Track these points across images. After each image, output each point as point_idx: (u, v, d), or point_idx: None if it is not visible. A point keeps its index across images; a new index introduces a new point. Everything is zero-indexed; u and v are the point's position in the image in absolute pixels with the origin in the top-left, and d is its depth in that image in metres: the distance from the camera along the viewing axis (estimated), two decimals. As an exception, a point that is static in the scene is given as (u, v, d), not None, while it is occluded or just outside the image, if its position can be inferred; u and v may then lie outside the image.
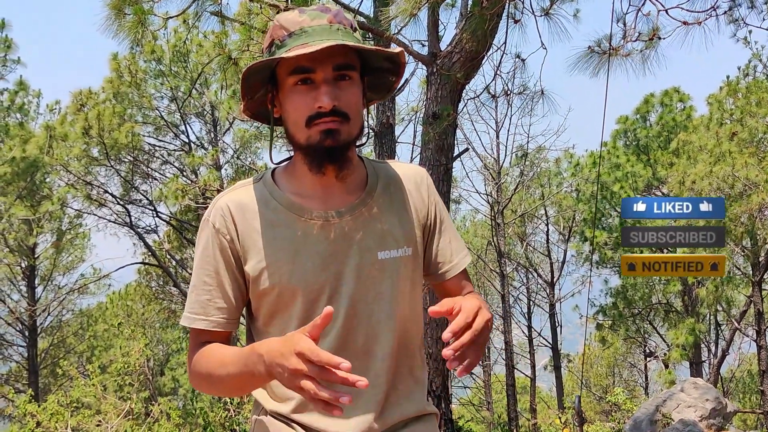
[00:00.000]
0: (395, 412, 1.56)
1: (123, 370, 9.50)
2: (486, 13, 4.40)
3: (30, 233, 16.34)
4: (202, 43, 14.38)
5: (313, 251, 1.49)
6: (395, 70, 1.56)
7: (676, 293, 16.09)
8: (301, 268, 1.48)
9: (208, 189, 13.39)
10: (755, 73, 14.20)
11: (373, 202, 1.56)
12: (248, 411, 7.69)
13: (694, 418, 7.48)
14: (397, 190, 1.61)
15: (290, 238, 1.50)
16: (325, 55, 1.40)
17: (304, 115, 1.43)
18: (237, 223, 1.51)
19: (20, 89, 16.36)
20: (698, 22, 4.31)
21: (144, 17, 4.94)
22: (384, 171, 1.63)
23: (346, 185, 1.54)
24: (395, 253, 1.55)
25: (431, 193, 1.66)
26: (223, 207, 1.52)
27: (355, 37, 1.47)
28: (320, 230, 1.50)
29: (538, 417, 17.33)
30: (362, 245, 1.52)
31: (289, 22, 1.45)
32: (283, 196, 1.53)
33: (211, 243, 1.52)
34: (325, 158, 1.46)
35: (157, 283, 19.74)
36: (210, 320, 1.52)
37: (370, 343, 1.52)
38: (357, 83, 1.48)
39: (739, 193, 12.18)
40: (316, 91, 1.42)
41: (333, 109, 1.41)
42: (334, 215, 1.51)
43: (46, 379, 18.63)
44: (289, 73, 1.44)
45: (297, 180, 1.54)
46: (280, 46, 1.45)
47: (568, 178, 18.48)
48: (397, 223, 1.57)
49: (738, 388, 19.65)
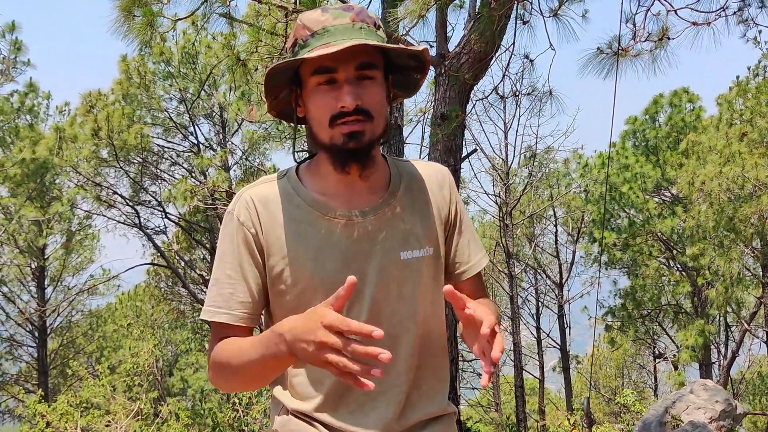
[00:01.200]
0: (416, 412, 1.56)
1: (132, 370, 9.54)
2: (494, 14, 4.39)
3: (40, 234, 16.43)
4: (211, 44, 14.42)
5: (335, 250, 1.49)
6: (420, 67, 1.56)
7: (686, 294, 16.03)
8: (323, 267, 1.48)
9: (217, 190, 13.43)
10: (765, 73, 14.13)
11: (396, 202, 1.56)
12: (257, 411, 7.70)
13: (704, 420, 7.45)
14: (420, 189, 1.61)
15: (313, 236, 1.49)
16: (348, 55, 1.40)
17: (327, 114, 1.43)
18: (261, 216, 1.51)
19: (30, 91, 16.45)
20: (708, 23, 4.29)
21: (153, 19, 4.95)
22: (407, 170, 1.63)
23: (369, 184, 1.55)
24: (417, 253, 1.55)
25: (453, 193, 1.65)
26: (248, 200, 1.52)
27: (379, 35, 1.47)
28: (343, 229, 1.50)
29: (546, 418, 17.29)
30: (385, 245, 1.52)
31: (311, 21, 1.45)
32: (307, 194, 1.53)
33: (235, 236, 1.52)
34: (348, 158, 1.46)
35: (166, 283, 19.81)
36: (232, 314, 1.50)
37: (393, 342, 1.51)
38: (380, 82, 1.47)
39: (749, 193, 12.11)
40: (339, 91, 1.42)
41: (356, 108, 1.41)
42: (358, 215, 1.51)
43: (56, 379, 18.71)
44: (312, 73, 1.44)
45: (321, 178, 1.54)
46: (303, 45, 1.45)
47: (576, 178, 18.43)
48: (419, 223, 1.57)
49: (748, 389, 19.52)
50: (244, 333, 1.52)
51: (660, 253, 16.55)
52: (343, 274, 1.45)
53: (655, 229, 15.52)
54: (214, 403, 13.29)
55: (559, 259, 19.14)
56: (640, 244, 16.26)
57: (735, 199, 12.45)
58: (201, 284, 18.31)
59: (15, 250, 16.47)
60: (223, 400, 11.91)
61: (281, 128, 13.61)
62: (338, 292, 1.23)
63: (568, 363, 19.27)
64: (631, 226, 16.01)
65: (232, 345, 1.47)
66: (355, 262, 1.50)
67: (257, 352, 1.37)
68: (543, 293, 19.92)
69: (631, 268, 17.34)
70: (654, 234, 15.81)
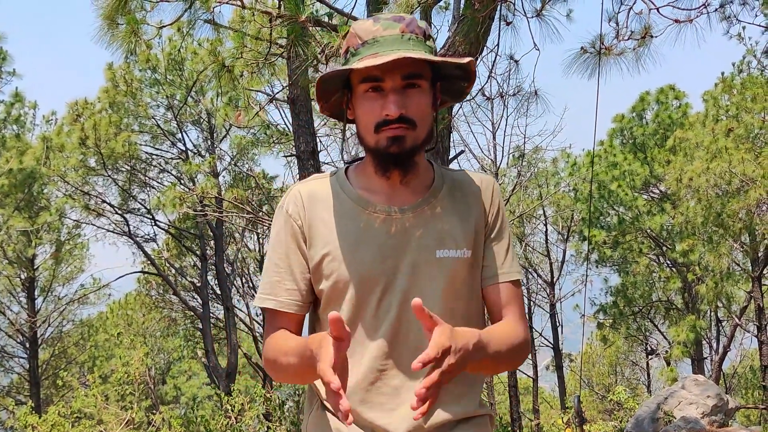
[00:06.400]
0: (445, 411, 1.57)
1: (124, 379, 9.49)
2: (478, 16, 4.39)
3: (29, 244, 16.32)
4: (197, 51, 14.38)
5: (372, 243, 1.56)
6: (466, 76, 1.62)
7: (676, 290, 16.09)
8: (360, 259, 1.55)
9: (206, 196, 13.38)
10: (750, 69, 14.22)
11: (437, 202, 1.61)
12: (249, 418, 7.68)
13: (696, 415, 7.48)
14: (462, 194, 1.65)
15: (353, 229, 1.57)
16: (394, 65, 1.46)
17: (373, 121, 1.51)
18: (307, 210, 1.60)
19: (16, 101, 16.34)
20: (690, 20, 4.31)
21: (137, 27, 4.93)
22: (452, 176, 1.68)
23: (411, 188, 1.61)
24: (453, 253, 1.58)
25: (495, 201, 1.67)
26: (296, 195, 1.62)
27: (428, 46, 1.53)
28: (382, 224, 1.57)
29: (540, 417, 17.32)
30: (421, 242, 1.57)
31: (363, 31, 1.53)
32: (352, 190, 1.61)
33: (283, 228, 1.62)
34: (390, 162, 1.54)
35: (156, 291, 19.75)
36: (278, 300, 1.60)
37: (423, 338, 1.46)
38: (426, 90, 1.54)
39: (737, 189, 12.18)
40: (385, 99, 1.49)
41: (400, 116, 1.48)
42: (397, 211, 1.58)
43: (48, 390, 18.62)
44: (361, 81, 1.52)
45: (367, 178, 1.62)
46: (354, 54, 1.53)
47: (565, 177, 18.47)
48: (458, 225, 1.61)
49: (740, 384, 19.62)
50: (293, 320, 1.62)
51: (650, 249, 16.61)
52: (378, 267, 1.55)
53: (644, 226, 15.58)
54: (207, 411, 13.23)
55: (550, 258, 19.17)
56: (630, 241, 16.32)
57: (723, 195, 12.51)
58: (192, 291, 18.26)
59: (4, 261, 16.36)
60: (216, 407, 11.86)
61: (269, 133, 13.59)
62: (336, 339, 1.30)
63: (561, 361, 19.30)
64: (620, 224, 16.06)
65: (278, 344, 1.58)
66: (390, 257, 1.56)
67: (295, 359, 1.50)
68: (534, 292, 19.94)
69: (622, 265, 17.40)
70: (643, 231, 15.88)
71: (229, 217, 15.32)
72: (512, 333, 1.58)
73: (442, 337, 1.30)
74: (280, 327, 1.61)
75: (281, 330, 1.60)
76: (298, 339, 1.56)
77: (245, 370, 23.67)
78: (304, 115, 7.82)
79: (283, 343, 1.56)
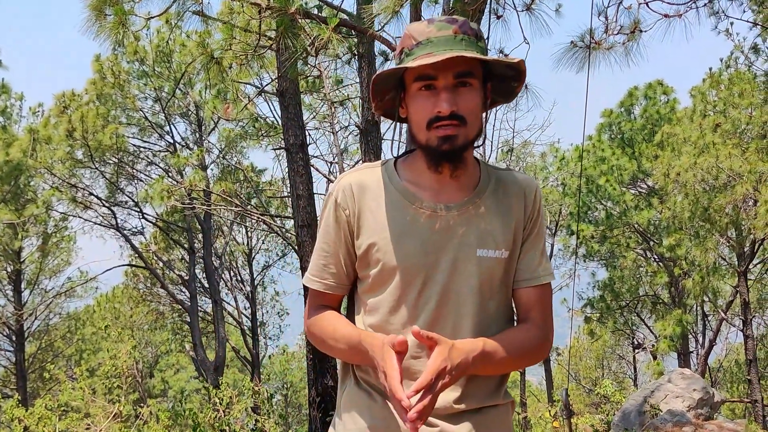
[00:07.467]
0: (473, 398, 1.67)
1: (111, 372, 9.44)
2: (468, 9, 4.39)
3: (15, 237, 16.21)
4: (185, 42, 14.29)
5: (416, 237, 1.63)
6: (517, 76, 1.68)
7: (663, 285, 16.18)
8: (403, 251, 1.63)
9: (194, 189, 13.32)
10: (737, 65, 14.26)
11: (482, 202, 1.68)
12: (238, 411, 7.67)
13: (682, 409, 7.54)
14: (506, 195, 1.71)
15: (399, 222, 1.65)
16: (447, 64, 1.54)
17: (425, 118, 1.58)
18: (356, 200, 1.68)
19: (2, 92, 16.21)
20: (679, 15, 4.33)
21: (125, 18, 4.90)
22: (497, 176, 1.74)
23: (459, 183, 1.67)
24: (493, 253, 1.66)
25: (536, 206, 1.74)
26: (346, 185, 1.70)
27: (479, 46, 1.59)
28: (427, 219, 1.64)
29: (528, 410, 17.39)
30: (463, 240, 1.64)
31: (417, 32, 1.60)
32: (400, 183, 1.69)
33: (332, 215, 1.71)
34: (442, 158, 1.61)
35: (144, 284, 19.68)
36: (323, 282, 1.74)
37: (457, 332, 1.63)
38: (477, 89, 1.60)
39: (724, 184, 12.25)
40: (437, 97, 1.56)
41: (451, 114, 1.55)
42: (443, 208, 1.65)
43: (35, 383, 18.51)
44: (414, 79, 1.59)
45: (415, 172, 1.69)
46: (408, 54, 1.59)
47: (553, 172, 18.52)
48: (499, 226, 1.67)
49: (726, 377, 19.79)
50: (335, 299, 1.78)
51: (637, 244, 16.69)
52: (420, 260, 1.63)
53: (632, 221, 15.64)
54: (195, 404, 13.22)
55: (538, 253, 19.21)
56: (618, 236, 16.39)
57: (710, 190, 12.58)
58: (179, 284, 18.21)
59: (-10, 254, 16.25)
60: (205, 400, 11.85)
61: (258, 126, 13.53)
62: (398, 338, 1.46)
63: (548, 355, 19.38)
64: (608, 219, 16.12)
65: (328, 329, 1.71)
66: (432, 252, 1.63)
67: (347, 346, 1.64)
68: (523, 286, 19.99)
69: (609, 259, 17.49)
70: (631, 225, 15.94)
71: (217, 210, 15.29)
72: (524, 339, 1.68)
73: (437, 360, 1.44)
74: (322, 304, 1.76)
75: (330, 312, 1.75)
76: (347, 328, 1.68)
77: (233, 363, 23.66)
78: (293, 108, 7.79)
79: (333, 329, 1.69)
